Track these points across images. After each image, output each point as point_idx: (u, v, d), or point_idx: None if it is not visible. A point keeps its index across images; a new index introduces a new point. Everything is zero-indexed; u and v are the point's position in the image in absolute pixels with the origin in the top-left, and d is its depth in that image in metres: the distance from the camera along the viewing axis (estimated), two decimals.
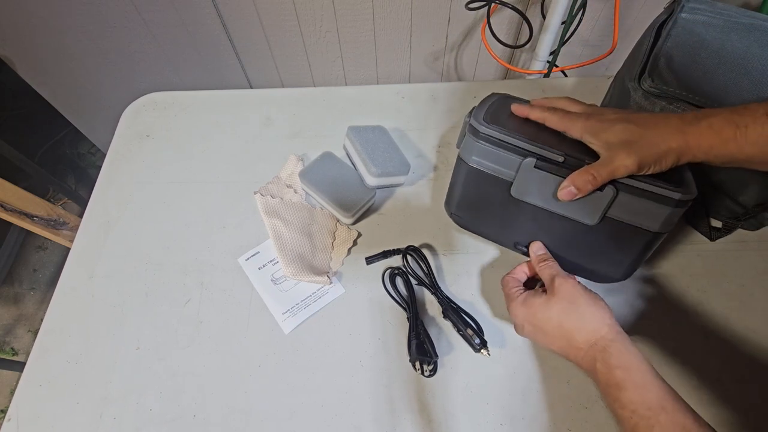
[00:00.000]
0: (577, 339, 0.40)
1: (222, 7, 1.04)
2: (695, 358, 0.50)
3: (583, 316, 0.40)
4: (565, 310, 0.41)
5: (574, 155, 0.42)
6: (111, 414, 0.49)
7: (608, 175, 0.39)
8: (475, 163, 0.47)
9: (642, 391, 0.35)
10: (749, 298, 0.53)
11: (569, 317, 0.41)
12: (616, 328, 0.40)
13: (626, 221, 0.43)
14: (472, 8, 0.94)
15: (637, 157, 0.38)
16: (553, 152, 0.43)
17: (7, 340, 1.40)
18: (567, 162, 0.42)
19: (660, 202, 0.41)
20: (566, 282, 0.43)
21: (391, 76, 1.25)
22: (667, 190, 0.40)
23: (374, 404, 0.49)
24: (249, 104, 0.73)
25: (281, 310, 0.54)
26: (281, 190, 0.62)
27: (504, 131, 0.45)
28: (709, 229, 0.56)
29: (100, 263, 0.58)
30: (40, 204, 1.19)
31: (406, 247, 0.56)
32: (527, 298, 0.45)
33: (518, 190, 0.46)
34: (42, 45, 1.11)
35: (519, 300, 0.45)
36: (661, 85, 0.49)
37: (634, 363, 0.37)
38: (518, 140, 0.44)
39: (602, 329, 0.39)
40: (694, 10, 0.52)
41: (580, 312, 0.41)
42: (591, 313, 0.41)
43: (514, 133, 0.44)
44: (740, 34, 0.49)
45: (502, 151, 0.45)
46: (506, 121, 0.47)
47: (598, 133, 0.41)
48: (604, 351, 0.38)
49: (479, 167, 0.47)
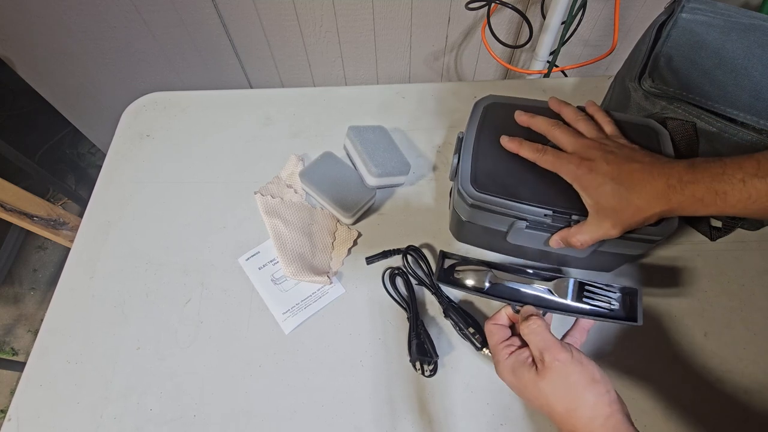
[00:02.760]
0: (572, 423, 0.36)
1: (222, 7, 1.04)
2: (696, 358, 0.50)
3: (576, 404, 0.36)
4: (556, 396, 0.37)
5: (562, 210, 0.44)
6: (111, 414, 0.49)
7: (593, 241, 0.42)
8: (468, 218, 0.49)
9: None
10: (750, 298, 0.53)
11: (559, 403, 0.36)
12: (616, 417, 0.35)
13: (614, 252, 0.47)
14: (472, 8, 0.94)
15: (622, 227, 0.40)
16: (543, 209, 0.44)
17: (7, 340, 1.40)
18: (556, 218, 0.44)
19: (642, 241, 0.44)
20: (554, 361, 0.37)
21: (391, 76, 1.25)
22: (649, 234, 0.43)
23: (374, 404, 0.49)
24: (249, 104, 0.73)
25: (281, 310, 0.54)
26: (281, 190, 0.62)
27: (493, 197, 0.45)
28: (710, 229, 0.56)
29: (101, 263, 0.58)
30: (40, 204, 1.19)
31: (406, 247, 0.56)
32: (516, 368, 0.39)
33: (513, 239, 0.48)
34: (42, 45, 1.11)
35: (507, 366, 0.40)
36: (661, 85, 0.49)
37: None
38: (507, 208, 0.45)
39: (597, 420, 0.35)
40: (695, 10, 0.52)
41: (571, 400, 0.36)
42: (585, 401, 0.36)
43: (503, 197, 0.44)
44: (740, 34, 0.49)
45: (492, 215, 0.46)
46: (496, 163, 0.47)
47: (587, 189, 0.41)
48: None
49: (473, 221, 0.49)
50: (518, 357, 0.40)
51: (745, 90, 0.45)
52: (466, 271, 0.49)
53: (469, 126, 0.50)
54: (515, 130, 0.48)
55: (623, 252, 0.47)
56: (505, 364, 0.40)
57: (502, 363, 0.41)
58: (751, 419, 0.47)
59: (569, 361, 0.37)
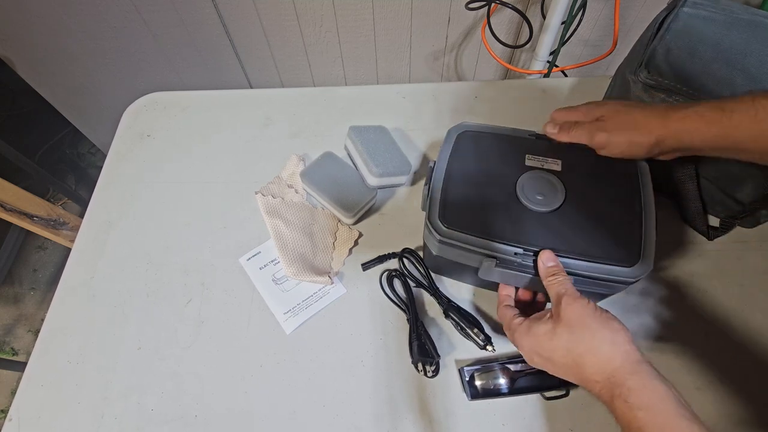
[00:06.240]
0: (590, 370, 0.35)
1: (222, 7, 1.04)
2: (696, 359, 0.50)
3: (595, 344, 0.35)
4: (574, 338, 0.36)
5: (532, 247, 0.43)
6: (112, 414, 0.49)
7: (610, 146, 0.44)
8: (438, 252, 0.47)
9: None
10: (750, 298, 0.53)
11: (578, 346, 0.36)
12: (635, 356, 0.34)
13: (589, 291, 0.44)
14: (472, 8, 0.94)
15: (629, 140, 0.43)
16: (513, 247, 0.43)
17: (7, 340, 1.40)
18: (526, 257, 0.43)
19: (618, 282, 0.42)
20: (574, 303, 0.37)
21: (391, 76, 1.25)
22: (624, 276, 0.41)
23: (375, 404, 0.49)
24: (249, 104, 0.73)
25: (282, 310, 0.54)
26: (282, 190, 0.62)
27: (461, 233, 0.44)
28: (707, 229, 0.56)
29: (101, 263, 0.58)
30: (40, 204, 1.19)
31: (402, 250, 0.56)
32: (531, 326, 0.40)
33: (484, 275, 0.46)
34: (42, 45, 1.11)
35: (521, 330, 0.40)
36: (657, 76, 0.49)
37: (657, 402, 0.32)
38: (476, 245, 0.43)
39: (617, 358, 0.34)
40: (697, 5, 0.52)
41: (590, 338, 0.36)
42: (603, 339, 0.35)
43: (472, 234, 0.44)
44: (741, 29, 0.49)
45: (463, 252, 0.45)
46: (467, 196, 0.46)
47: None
48: (622, 386, 0.33)
49: (443, 255, 0.47)
50: (533, 317, 0.41)
51: (741, 85, 0.46)
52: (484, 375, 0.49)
53: (440, 155, 0.49)
54: (488, 160, 0.48)
55: (599, 292, 0.44)
56: (521, 328, 0.40)
57: (519, 329, 0.41)
58: (753, 420, 0.47)
59: (585, 305, 0.37)
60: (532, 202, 0.45)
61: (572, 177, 0.46)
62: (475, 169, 0.48)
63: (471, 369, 0.49)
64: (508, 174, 0.46)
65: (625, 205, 0.44)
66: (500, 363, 0.49)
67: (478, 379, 0.49)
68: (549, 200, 0.45)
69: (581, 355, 0.36)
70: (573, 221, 0.44)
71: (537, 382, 0.47)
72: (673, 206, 0.58)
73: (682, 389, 0.34)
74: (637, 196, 0.45)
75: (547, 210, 0.44)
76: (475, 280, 0.53)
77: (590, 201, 0.45)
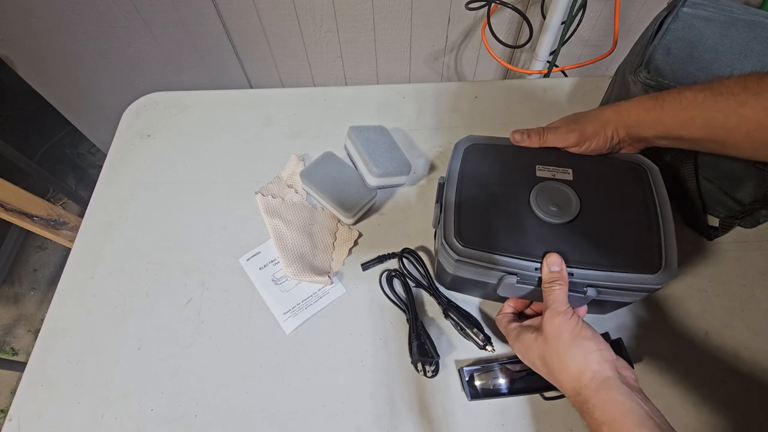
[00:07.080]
0: (563, 383, 0.38)
1: (222, 7, 1.04)
2: (696, 359, 0.50)
3: (566, 360, 0.37)
4: (549, 351, 0.39)
5: None
6: (112, 414, 0.49)
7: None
8: (453, 271, 0.46)
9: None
10: (750, 298, 0.53)
11: (552, 358, 0.38)
12: (604, 374, 0.36)
13: (613, 300, 0.44)
14: (472, 8, 0.94)
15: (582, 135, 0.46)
16: (534, 263, 0.42)
17: (7, 340, 1.40)
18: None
19: (641, 291, 0.42)
20: (555, 318, 0.39)
21: (391, 76, 1.25)
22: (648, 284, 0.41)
23: (375, 404, 0.49)
24: (249, 104, 0.73)
25: (282, 310, 0.54)
26: (282, 190, 0.62)
27: (480, 251, 0.42)
28: (707, 229, 0.56)
29: (101, 263, 0.58)
30: (40, 204, 1.19)
31: (401, 250, 0.56)
32: (520, 334, 0.43)
33: (504, 292, 0.45)
34: (42, 45, 1.11)
35: (513, 336, 0.44)
36: (657, 76, 0.49)
37: (620, 417, 0.34)
38: (495, 263, 0.42)
39: (585, 376, 0.36)
40: (697, 5, 0.52)
41: (563, 353, 0.38)
42: (573, 357, 0.37)
43: (491, 252, 0.42)
44: (740, 30, 0.49)
45: (481, 270, 0.44)
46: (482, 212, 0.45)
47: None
48: (587, 403, 0.35)
49: (459, 274, 0.46)
50: (523, 325, 0.44)
51: None
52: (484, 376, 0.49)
53: (450, 170, 0.48)
54: (498, 173, 0.47)
55: (622, 300, 0.44)
56: (513, 333, 0.44)
57: (512, 335, 0.44)
58: (753, 420, 0.47)
59: (566, 321, 0.39)
60: (548, 214, 0.43)
61: (584, 185, 0.45)
62: (486, 184, 0.47)
63: (470, 369, 0.49)
64: (521, 186, 0.45)
65: (641, 210, 0.44)
66: (500, 363, 0.49)
67: (478, 379, 0.49)
68: (564, 211, 0.43)
69: (554, 369, 0.39)
70: (590, 231, 0.43)
71: (537, 382, 0.47)
72: (673, 207, 0.58)
73: (682, 389, 0.34)
74: (651, 199, 0.44)
75: (564, 221, 0.43)
76: (488, 294, 0.52)
77: (605, 208, 0.44)
